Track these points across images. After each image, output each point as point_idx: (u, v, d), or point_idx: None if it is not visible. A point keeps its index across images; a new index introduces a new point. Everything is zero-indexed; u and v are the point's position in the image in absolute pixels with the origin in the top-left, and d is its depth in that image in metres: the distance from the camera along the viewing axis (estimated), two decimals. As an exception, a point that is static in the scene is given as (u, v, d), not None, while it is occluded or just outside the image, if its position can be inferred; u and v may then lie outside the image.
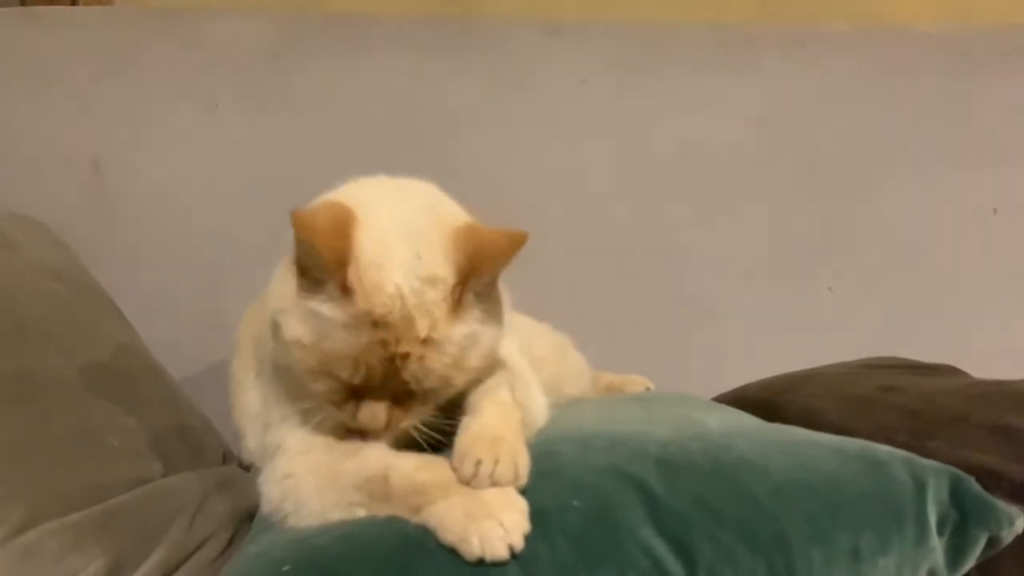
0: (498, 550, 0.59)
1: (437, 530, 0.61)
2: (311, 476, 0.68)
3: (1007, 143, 1.38)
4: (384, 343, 0.64)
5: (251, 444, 0.87)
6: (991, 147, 1.38)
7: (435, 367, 0.66)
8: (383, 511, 0.65)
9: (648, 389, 1.08)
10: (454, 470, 0.64)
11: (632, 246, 1.35)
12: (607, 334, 1.26)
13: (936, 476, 0.68)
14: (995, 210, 1.36)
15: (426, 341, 0.65)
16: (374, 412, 0.66)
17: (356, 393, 0.67)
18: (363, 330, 0.64)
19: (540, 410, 0.77)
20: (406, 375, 0.65)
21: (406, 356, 0.64)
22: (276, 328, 0.67)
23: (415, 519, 0.63)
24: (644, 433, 0.74)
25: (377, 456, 0.67)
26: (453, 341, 0.66)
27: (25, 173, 1.29)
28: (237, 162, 1.33)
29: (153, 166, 1.31)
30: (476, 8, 1.55)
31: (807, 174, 1.38)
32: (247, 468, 0.92)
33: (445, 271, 0.66)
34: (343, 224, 0.65)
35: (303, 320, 0.65)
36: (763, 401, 1.03)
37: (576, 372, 1.02)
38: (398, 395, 0.67)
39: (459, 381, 0.68)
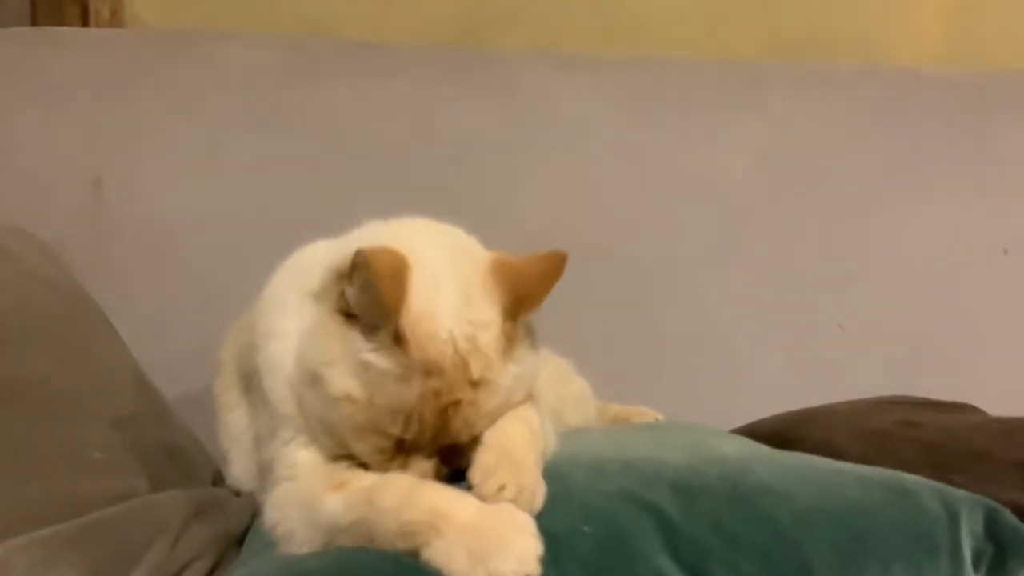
0: None
1: (443, 572, 0.57)
2: (296, 512, 0.66)
3: (1016, 184, 1.38)
4: (437, 393, 0.63)
5: (235, 470, 0.85)
6: (1000, 188, 1.38)
7: (487, 409, 0.65)
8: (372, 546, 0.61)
9: (656, 420, 1.04)
10: (472, 485, 0.61)
11: (639, 280, 1.33)
12: (614, 367, 1.21)
13: (969, 507, 0.65)
14: (1006, 250, 1.35)
15: (477, 384, 0.64)
16: (423, 470, 0.65)
17: (402, 448, 0.65)
18: (415, 380, 0.63)
19: (551, 435, 0.74)
20: (457, 423, 0.64)
21: (458, 403, 0.64)
22: (319, 381, 0.65)
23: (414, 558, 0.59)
24: (658, 458, 0.71)
25: (358, 497, 0.63)
26: (505, 382, 0.66)
27: (25, 189, 1.27)
28: (239, 186, 1.31)
29: (154, 187, 1.29)
30: (487, 40, 1.56)
31: (815, 210, 1.37)
32: (237, 493, 0.88)
33: (494, 312, 0.66)
34: (400, 271, 0.64)
35: (354, 374, 0.64)
36: (776, 434, 0.99)
37: (578, 399, 0.99)
38: (445, 449, 0.65)
39: (503, 415, 0.67)
